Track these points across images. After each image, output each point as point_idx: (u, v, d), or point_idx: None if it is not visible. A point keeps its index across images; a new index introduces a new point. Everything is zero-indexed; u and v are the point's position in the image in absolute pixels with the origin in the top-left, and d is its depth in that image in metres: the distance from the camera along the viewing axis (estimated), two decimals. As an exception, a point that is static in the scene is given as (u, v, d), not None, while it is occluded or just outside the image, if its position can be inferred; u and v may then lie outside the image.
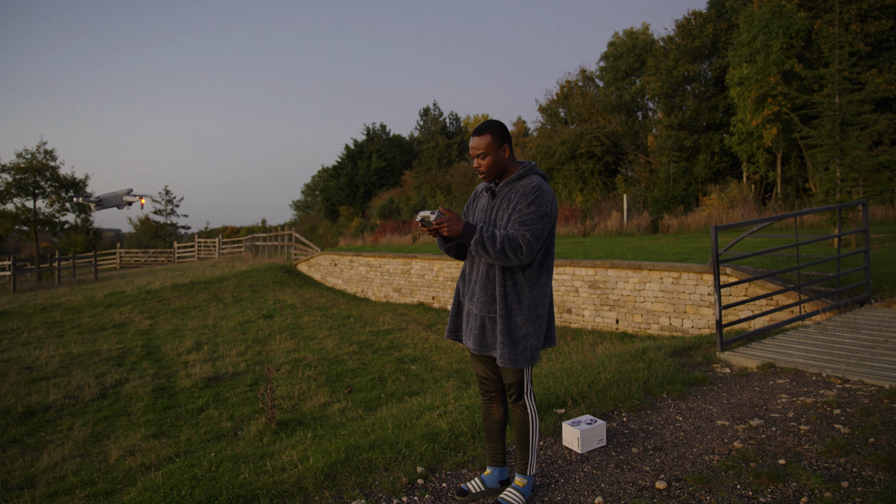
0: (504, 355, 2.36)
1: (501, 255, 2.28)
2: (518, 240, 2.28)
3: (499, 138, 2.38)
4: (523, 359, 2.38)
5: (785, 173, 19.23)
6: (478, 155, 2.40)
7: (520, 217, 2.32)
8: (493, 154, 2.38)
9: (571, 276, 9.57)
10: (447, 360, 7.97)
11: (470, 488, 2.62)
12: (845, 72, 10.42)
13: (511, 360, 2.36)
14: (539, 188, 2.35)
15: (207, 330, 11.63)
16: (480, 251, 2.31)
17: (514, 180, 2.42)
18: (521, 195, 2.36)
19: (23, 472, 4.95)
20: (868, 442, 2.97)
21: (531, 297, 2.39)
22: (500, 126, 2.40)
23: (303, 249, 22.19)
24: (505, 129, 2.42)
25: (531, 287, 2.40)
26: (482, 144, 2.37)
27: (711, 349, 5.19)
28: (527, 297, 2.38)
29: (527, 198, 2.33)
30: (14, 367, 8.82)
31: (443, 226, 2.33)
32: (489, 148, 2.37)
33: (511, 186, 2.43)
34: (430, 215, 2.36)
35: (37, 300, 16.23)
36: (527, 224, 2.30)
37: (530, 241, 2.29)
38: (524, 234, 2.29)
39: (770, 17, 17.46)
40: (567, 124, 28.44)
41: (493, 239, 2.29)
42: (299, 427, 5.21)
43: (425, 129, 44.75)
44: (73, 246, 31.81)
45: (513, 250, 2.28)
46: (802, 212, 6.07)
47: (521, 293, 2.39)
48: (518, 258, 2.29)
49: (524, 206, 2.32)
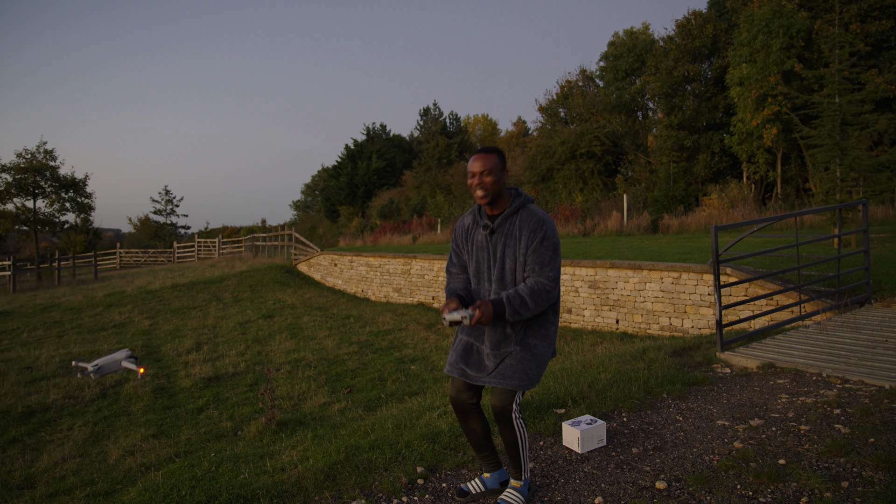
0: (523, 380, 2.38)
1: (537, 308, 2.36)
2: (543, 286, 2.34)
3: (503, 160, 2.45)
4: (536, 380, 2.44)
5: (785, 173, 19.22)
6: (482, 172, 2.38)
7: (538, 258, 2.36)
8: (496, 174, 2.41)
9: (571, 276, 9.57)
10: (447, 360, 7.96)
11: (470, 489, 2.63)
12: (845, 72, 10.42)
13: (528, 381, 2.40)
14: (543, 221, 2.40)
15: (207, 330, 11.63)
16: (518, 317, 2.36)
17: (511, 214, 2.45)
18: (528, 231, 2.39)
19: (23, 472, 4.95)
20: (868, 442, 2.97)
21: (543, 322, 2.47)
22: (502, 152, 2.50)
23: (303, 249, 22.19)
24: (505, 155, 2.51)
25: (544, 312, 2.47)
26: (489, 164, 2.39)
27: (711, 349, 5.19)
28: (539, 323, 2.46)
29: (536, 234, 2.37)
30: (14, 367, 8.82)
31: (480, 321, 2.28)
32: (495, 167, 2.40)
33: (511, 221, 2.44)
34: (464, 318, 2.25)
35: (37, 300, 16.23)
36: (546, 264, 2.36)
37: (555, 279, 2.38)
38: (548, 275, 2.36)
39: (770, 16, 17.45)
40: (567, 124, 28.41)
41: (523, 303, 2.33)
42: (299, 427, 5.21)
43: (425, 129, 44.72)
44: (73, 246, 31.81)
45: (544, 299, 2.36)
46: (802, 212, 6.07)
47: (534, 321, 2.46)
48: (549, 301, 2.39)
49: (538, 245, 2.36)
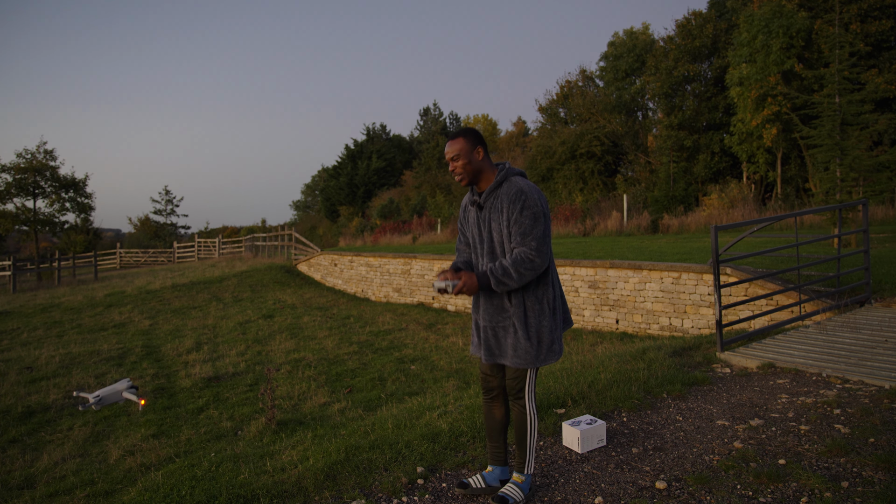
0: (528, 358, 2.40)
1: (521, 278, 2.34)
2: (526, 255, 2.33)
3: (471, 141, 2.46)
4: (552, 354, 2.44)
5: (785, 173, 19.21)
6: (452, 158, 2.47)
7: (519, 228, 2.36)
8: (466, 156, 2.45)
9: (571, 276, 9.57)
10: (447, 360, 7.97)
11: (471, 483, 2.64)
12: (845, 72, 10.42)
13: (536, 359, 2.41)
14: (522, 191, 2.39)
15: (207, 330, 11.63)
16: (503, 288, 2.37)
17: (495, 188, 2.47)
18: (508, 203, 2.39)
19: (23, 472, 4.95)
20: (868, 442, 2.97)
21: (541, 295, 2.45)
22: (472, 131, 2.50)
23: (303, 249, 22.19)
24: (477, 133, 2.51)
25: (536, 286, 2.45)
26: (455, 148, 2.45)
27: (711, 349, 5.19)
28: (536, 296, 2.44)
29: (516, 204, 2.37)
30: (14, 367, 8.82)
31: (463, 291, 2.36)
32: (462, 151, 2.45)
33: (495, 195, 2.47)
34: (447, 286, 2.36)
35: (37, 300, 16.23)
36: (528, 233, 2.35)
37: (538, 248, 2.34)
38: (530, 244, 2.34)
39: (770, 16, 17.44)
40: (567, 124, 28.40)
41: (506, 273, 2.33)
42: (299, 427, 5.21)
43: (425, 129, 44.74)
44: (73, 246, 31.80)
45: (528, 268, 2.33)
46: (802, 212, 6.07)
47: (529, 294, 2.44)
48: (535, 270, 2.35)
49: (517, 214, 2.37)
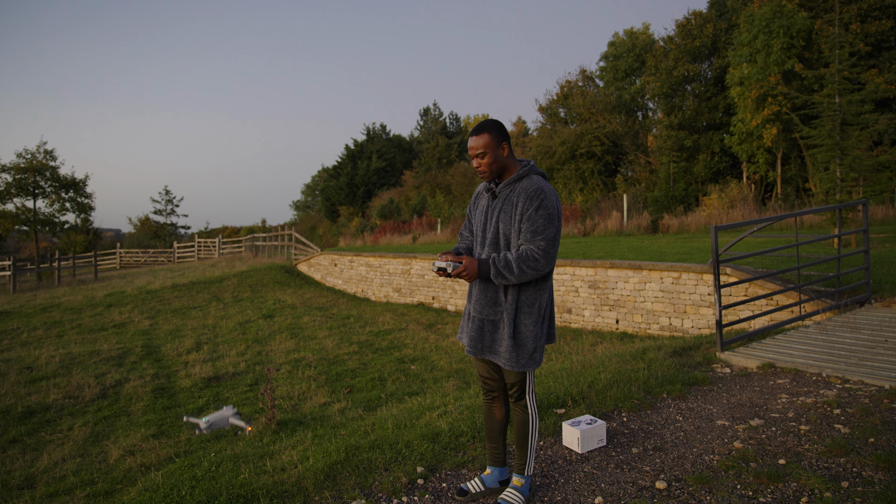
0: (511, 359, 2.36)
1: (522, 275, 2.28)
2: (533, 253, 2.26)
3: (497, 137, 2.36)
4: (532, 362, 2.38)
5: (785, 173, 19.22)
6: (477, 154, 2.37)
7: (531, 225, 2.29)
8: (492, 153, 2.36)
9: (571, 276, 9.57)
10: (447, 360, 7.97)
11: (470, 488, 2.62)
12: (845, 72, 10.42)
13: (517, 363, 2.36)
14: (542, 190, 2.32)
15: (207, 330, 11.63)
16: (502, 280, 2.31)
17: (515, 181, 2.39)
18: (525, 199, 2.32)
19: (23, 472, 4.95)
20: (868, 442, 2.97)
21: (535, 299, 2.38)
22: (497, 125, 2.38)
23: (303, 249, 22.18)
24: (503, 127, 2.40)
25: (534, 288, 2.39)
26: (480, 144, 2.35)
27: (711, 349, 5.19)
28: (530, 299, 2.38)
29: (532, 202, 2.30)
30: (14, 367, 8.81)
31: (462, 275, 2.33)
32: (488, 147, 2.35)
33: (512, 188, 2.40)
34: (448, 266, 2.35)
35: (37, 300, 16.23)
36: (539, 232, 2.28)
37: (546, 249, 2.27)
38: (539, 244, 2.27)
39: (770, 16, 17.45)
40: (567, 124, 28.41)
41: (508, 266, 2.28)
42: (299, 427, 5.21)
43: (425, 129, 44.74)
44: (73, 246, 31.79)
45: (531, 267, 2.27)
46: (802, 212, 6.06)
47: (524, 295, 2.38)
48: (538, 270, 2.29)
49: (532, 212, 2.29)
